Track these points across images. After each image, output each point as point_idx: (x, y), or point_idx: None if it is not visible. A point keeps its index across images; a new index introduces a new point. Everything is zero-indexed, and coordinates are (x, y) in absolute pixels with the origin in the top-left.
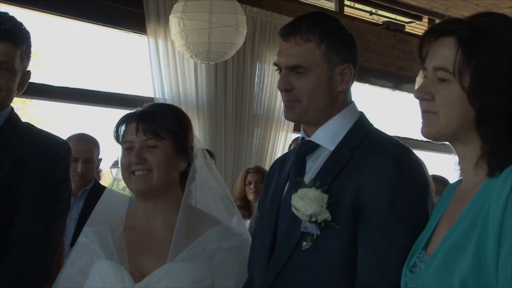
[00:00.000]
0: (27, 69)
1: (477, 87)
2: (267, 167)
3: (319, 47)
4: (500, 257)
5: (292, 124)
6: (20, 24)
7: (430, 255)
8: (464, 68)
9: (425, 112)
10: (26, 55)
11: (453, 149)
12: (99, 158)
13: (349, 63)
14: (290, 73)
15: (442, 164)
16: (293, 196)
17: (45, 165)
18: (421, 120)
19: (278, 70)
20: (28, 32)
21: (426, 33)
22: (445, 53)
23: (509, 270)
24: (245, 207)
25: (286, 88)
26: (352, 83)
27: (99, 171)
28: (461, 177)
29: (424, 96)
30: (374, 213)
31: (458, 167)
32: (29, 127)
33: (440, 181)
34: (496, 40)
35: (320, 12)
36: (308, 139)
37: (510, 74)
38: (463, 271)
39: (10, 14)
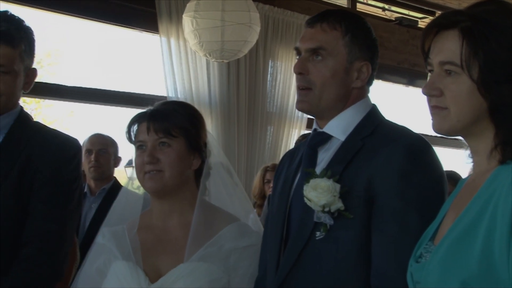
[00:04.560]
0: (33, 66)
1: (487, 78)
2: None
3: (343, 37)
4: (510, 253)
5: (305, 121)
6: (17, 22)
7: (436, 246)
8: (472, 60)
9: (435, 108)
10: (26, 53)
11: (465, 143)
12: (117, 155)
13: (368, 62)
14: (309, 57)
15: (458, 160)
16: (305, 187)
17: (55, 164)
18: (430, 117)
19: (298, 56)
20: (28, 29)
21: (427, 28)
22: (450, 46)
23: None
24: (264, 205)
25: (301, 71)
26: (369, 84)
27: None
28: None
29: (432, 92)
30: (387, 201)
31: (471, 160)
32: (39, 126)
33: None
34: (500, 29)
35: (350, 11)
36: (321, 130)
37: None
38: (469, 266)
39: (10, 13)
